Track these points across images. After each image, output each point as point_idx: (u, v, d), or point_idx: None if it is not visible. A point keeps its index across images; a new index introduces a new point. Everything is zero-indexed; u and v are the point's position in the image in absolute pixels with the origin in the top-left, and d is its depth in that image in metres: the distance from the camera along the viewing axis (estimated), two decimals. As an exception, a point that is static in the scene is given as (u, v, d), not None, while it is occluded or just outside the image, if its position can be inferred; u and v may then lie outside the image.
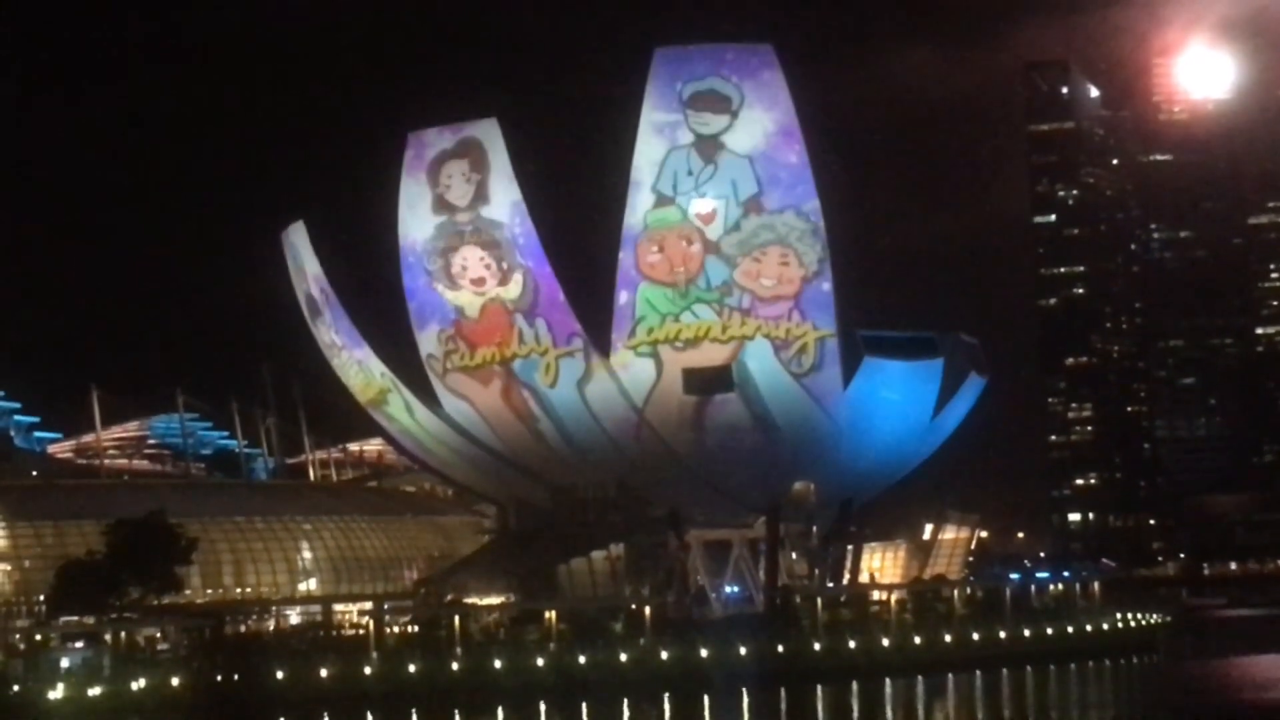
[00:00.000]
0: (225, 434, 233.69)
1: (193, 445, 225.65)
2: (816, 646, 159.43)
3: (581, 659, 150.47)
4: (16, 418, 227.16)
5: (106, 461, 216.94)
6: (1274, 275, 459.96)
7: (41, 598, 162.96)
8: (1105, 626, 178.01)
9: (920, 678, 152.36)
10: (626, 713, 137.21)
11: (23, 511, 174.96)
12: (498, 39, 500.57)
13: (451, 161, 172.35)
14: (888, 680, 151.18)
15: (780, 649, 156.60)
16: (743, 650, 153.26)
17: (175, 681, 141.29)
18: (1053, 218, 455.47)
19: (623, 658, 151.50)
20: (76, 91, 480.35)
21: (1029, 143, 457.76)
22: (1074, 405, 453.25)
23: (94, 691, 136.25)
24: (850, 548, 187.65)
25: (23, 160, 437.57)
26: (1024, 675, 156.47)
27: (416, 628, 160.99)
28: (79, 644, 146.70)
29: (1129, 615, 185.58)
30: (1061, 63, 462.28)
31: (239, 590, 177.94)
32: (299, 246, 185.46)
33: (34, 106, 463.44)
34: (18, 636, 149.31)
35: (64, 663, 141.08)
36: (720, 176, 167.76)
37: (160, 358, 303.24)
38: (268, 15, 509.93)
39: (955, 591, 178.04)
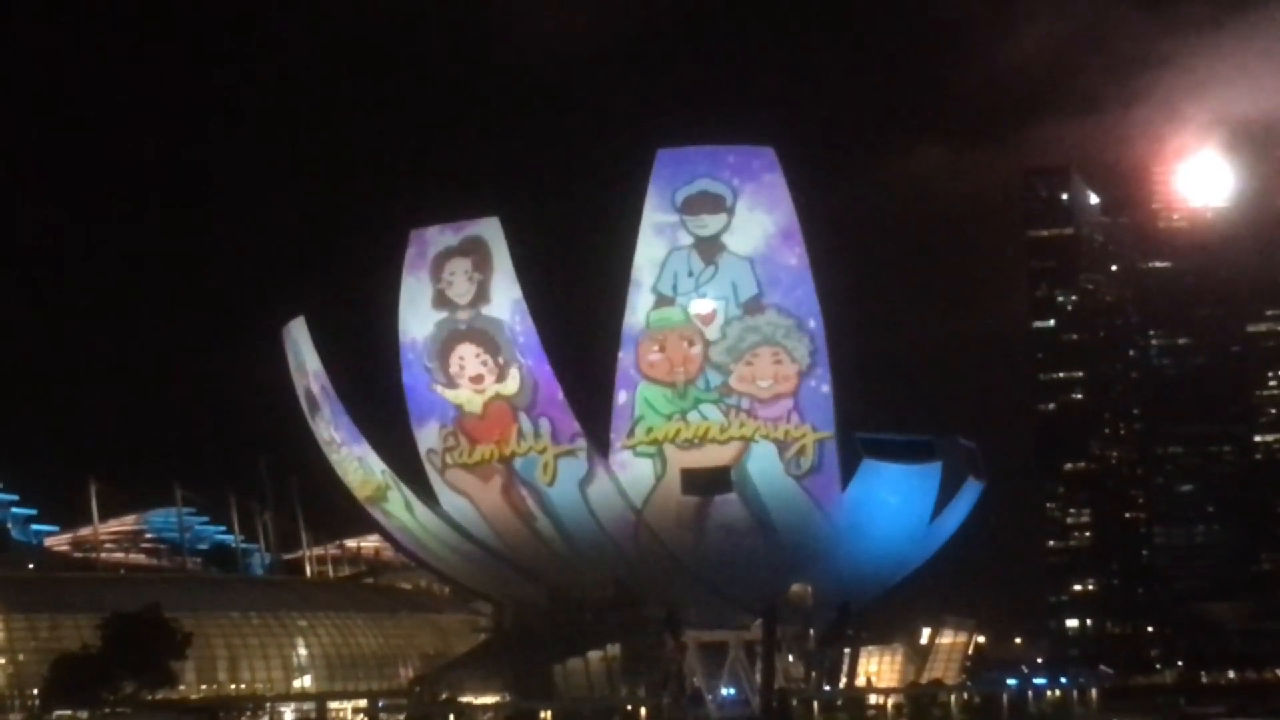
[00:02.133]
0: (222, 529, 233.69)
1: (189, 539, 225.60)
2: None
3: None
4: (14, 510, 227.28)
5: (103, 555, 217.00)
6: (1272, 383, 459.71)
7: (35, 691, 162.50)
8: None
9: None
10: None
11: (18, 604, 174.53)
12: (500, 137, 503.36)
13: (456, 258, 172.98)
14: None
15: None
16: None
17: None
18: (1051, 323, 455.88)
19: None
20: (72, 184, 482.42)
21: (1028, 248, 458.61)
22: (1072, 510, 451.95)
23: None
24: (847, 651, 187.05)
25: (19, 251, 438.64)
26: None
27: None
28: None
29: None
30: (1061, 169, 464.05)
31: (233, 686, 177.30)
32: (300, 342, 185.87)
33: (29, 199, 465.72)
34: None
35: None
36: (721, 278, 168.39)
37: (158, 452, 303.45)
38: (269, 110, 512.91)
39: (952, 696, 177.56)
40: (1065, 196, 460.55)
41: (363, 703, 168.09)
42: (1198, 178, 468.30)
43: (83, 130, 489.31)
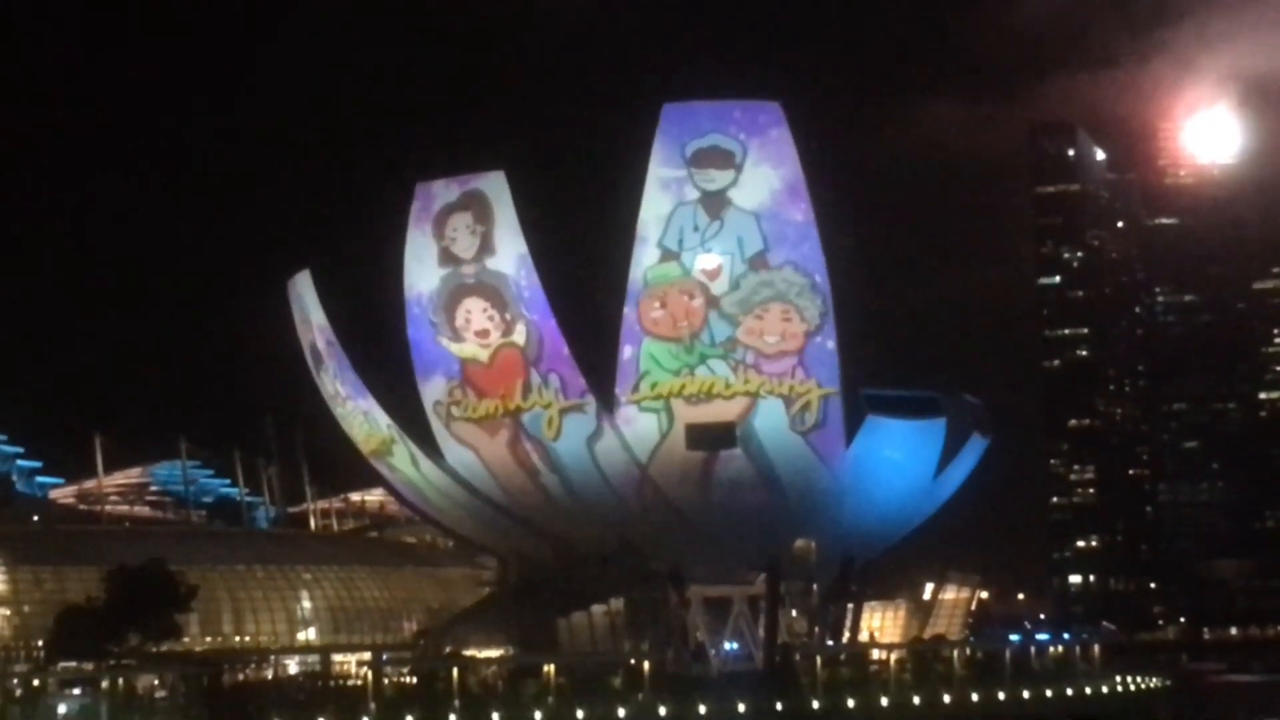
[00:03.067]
0: (227, 482, 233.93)
1: (194, 493, 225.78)
2: (815, 704, 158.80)
3: (580, 714, 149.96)
4: (19, 462, 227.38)
5: (108, 508, 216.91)
6: (1278, 340, 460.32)
7: (40, 643, 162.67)
8: (1105, 690, 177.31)
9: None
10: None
11: (23, 556, 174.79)
12: (506, 91, 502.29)
13: (456, 214, 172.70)
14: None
15: (779, 707, 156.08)
16: (741, 707, 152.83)
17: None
18: (1058, 279, 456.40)
19: (621, 713, 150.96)
20: (75, 141, 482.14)
21: (1035, 204, 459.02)
22: (1076, 467, 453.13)
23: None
24: (850, 606, 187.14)
25: (23, 207, 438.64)
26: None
27: (415, 679, 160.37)
28: (77, 690, 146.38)
29: (1129, 679, 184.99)
30: (1068, 125, 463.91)
31: (238, 638, 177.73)
32: (305, 296, 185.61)
33: (33, 155, 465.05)
34: (16, 681, 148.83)
35: (61, 709, 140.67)
36: (726, 233, 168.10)
37: (163, 405, 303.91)
38: (275, 65, 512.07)
39: (955, 652, 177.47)
40: (1072, 153, 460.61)
41: (367, 656, 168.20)
42: (1205, 134, 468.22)
43: (87, 86, 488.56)
